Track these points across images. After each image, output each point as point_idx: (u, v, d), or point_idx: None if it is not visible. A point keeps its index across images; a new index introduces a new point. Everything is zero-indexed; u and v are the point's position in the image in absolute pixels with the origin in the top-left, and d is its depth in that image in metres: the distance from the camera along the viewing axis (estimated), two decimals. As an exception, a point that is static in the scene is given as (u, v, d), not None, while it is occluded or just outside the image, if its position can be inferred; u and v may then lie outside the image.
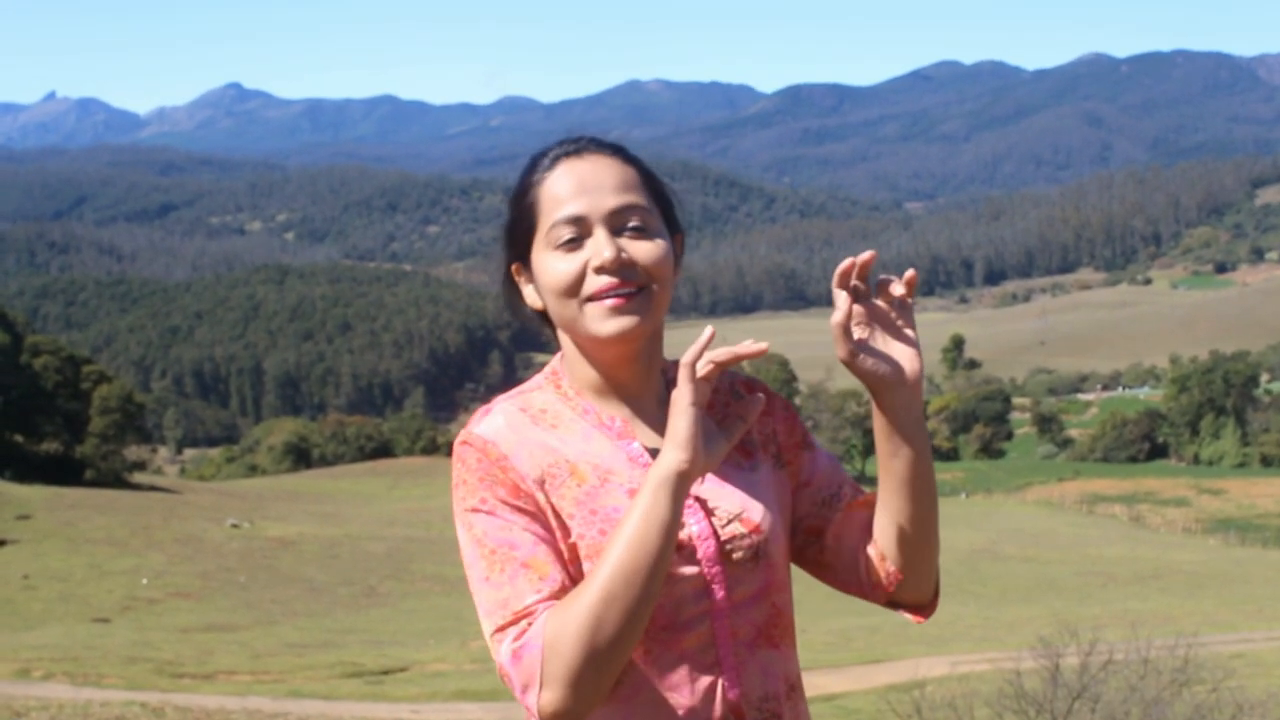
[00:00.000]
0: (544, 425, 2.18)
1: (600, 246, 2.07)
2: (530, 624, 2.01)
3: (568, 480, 2.12)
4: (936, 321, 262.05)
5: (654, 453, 2.13)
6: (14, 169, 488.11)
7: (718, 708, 2.10)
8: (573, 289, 2.07)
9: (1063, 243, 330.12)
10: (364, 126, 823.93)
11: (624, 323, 2.07)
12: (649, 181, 2.18)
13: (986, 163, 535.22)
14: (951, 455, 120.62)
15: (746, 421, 2.12)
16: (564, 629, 1.97)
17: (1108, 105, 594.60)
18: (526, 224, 2.16)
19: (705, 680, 2.10)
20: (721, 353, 2.02)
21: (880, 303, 2.11)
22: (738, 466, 2.22)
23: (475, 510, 2.11)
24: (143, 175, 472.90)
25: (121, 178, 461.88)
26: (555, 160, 2.15)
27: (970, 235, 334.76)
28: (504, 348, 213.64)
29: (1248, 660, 22.99)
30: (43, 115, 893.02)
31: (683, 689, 2.09)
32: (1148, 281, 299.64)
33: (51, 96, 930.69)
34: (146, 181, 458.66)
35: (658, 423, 2.20)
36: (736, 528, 2.14)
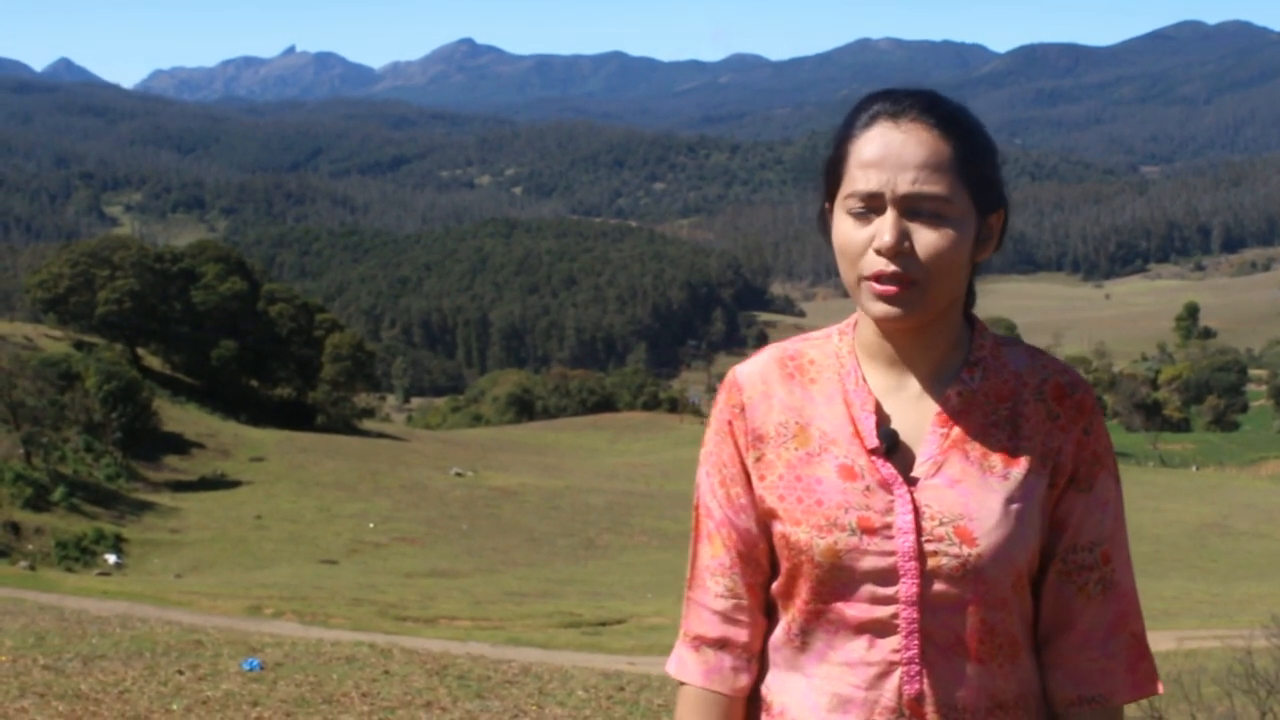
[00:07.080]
0: (802, 380, 2.14)
1: (885, 228, 1.98)
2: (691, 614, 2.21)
3: (790, 442, 2.10)
4: (1171, 289, 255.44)
5: (889, 434, 2.06)
6: (254, 121, 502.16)
7: (889, 696, 2.02)
8: (855, 259, 2.01)
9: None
10: (593, 82, 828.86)
11: (890, 311, 2.00)
12: (967, 159, 2.01)
13: (1228, 126, 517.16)
14: (1183, 426, 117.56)
15: None
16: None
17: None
18: (834, 175, 2.07)
19: (882, 665, 2.03)
20: None
21: None
22: (985, 470, 2.03)
23: (705, 455, 2.21)
24: (376, 129, 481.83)
25: (356, 131, 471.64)
26: (873, 119, 2.03)
27: (1209, 201, 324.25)
28: (727, 306, 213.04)
29: None
30: (282, 69, 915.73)
31: (856, 666, 2.04)
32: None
33: (291, 50, 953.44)
34: (380, 135, 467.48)
35: (928, 396, 2.09)
36: (948, 535, 2.00)
